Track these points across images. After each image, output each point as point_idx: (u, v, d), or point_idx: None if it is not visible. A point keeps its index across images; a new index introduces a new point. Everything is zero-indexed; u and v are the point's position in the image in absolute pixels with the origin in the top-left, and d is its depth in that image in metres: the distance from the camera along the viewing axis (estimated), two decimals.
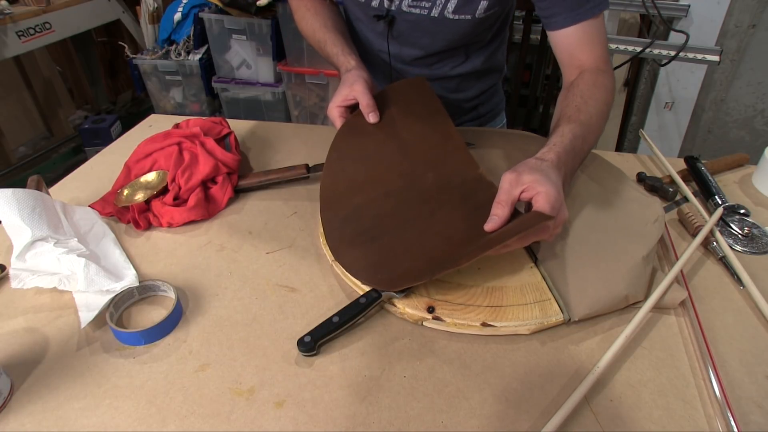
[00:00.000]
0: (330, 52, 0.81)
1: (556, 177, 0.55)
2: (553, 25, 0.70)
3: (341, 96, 0.73)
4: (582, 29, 0.68)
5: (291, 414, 0.45)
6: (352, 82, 0.73)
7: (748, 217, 0.71)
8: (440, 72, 0.88)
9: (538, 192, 0.53)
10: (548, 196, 0.52)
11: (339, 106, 0.74)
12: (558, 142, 0.60)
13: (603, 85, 0.67)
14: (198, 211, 0.70)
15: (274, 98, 2.08)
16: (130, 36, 2.42)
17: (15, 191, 0.58)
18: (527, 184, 0.54)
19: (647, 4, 1.61)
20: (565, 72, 0.72)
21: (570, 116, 0.63)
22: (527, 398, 0.47)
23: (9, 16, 1.84)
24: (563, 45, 0.71)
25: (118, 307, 0.55)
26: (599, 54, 0.69)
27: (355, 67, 0.76)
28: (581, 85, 0.67)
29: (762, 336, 0.53)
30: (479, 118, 0.99)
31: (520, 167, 0.56)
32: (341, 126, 0.74)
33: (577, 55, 0.70)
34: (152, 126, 0.97)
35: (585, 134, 0.63)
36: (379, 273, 0.56)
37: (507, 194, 0.54)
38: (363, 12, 0.83)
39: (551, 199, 0.52)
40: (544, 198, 0.52)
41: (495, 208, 0.54)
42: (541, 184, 0.53)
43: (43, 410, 0.46)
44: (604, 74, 0.69)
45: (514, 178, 0.54)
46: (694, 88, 1.82)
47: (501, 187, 0.55)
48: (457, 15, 0.76)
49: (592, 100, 0.65)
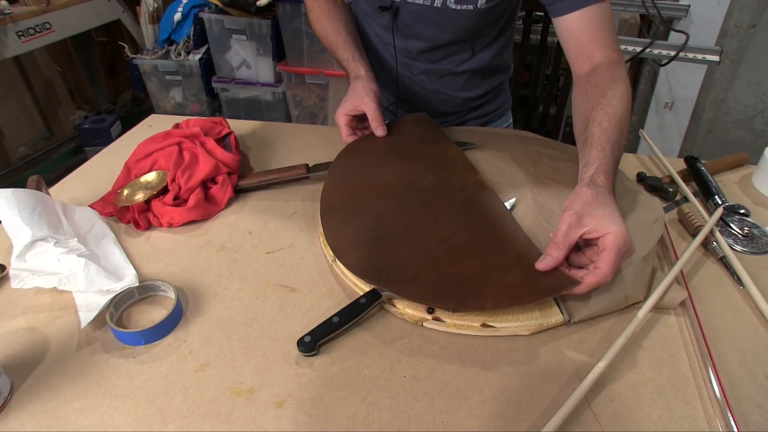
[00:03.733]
0: (341, 57, 0.84)
1: (615, 207, 0.53)
2: (557, 11, 0.68)
3: (351, 105, 0.77)
4: (588, 15, 0.66)
5: (291, 414, 0.45)
6: (363, 95, 0.76)
7: (748, 217, 0.71)
8: (447, 68, 0.88)
9: (606, 234, 0.50)
10: (616, 239, 0.49)
11: (347, 114, 0.77)
12: (602, 160, 0.57)
13: (621, 77, 0.64)
14: (198, 211, 0.70)
15: (274, 98, 2.08)
16: (130, 36, 2.42)
17: (15, 191, 0.58)
18: (590, 226, 0.51)
19: (647, 4, 1.61)
20: (574, 63, 0.70)
21: (601, 122, 0.60)
22: (527, 398, 0.47)
23: (9, 16, 1.83)
24: (569, 32, 0.68)
25: (118, 307, 0.55)
26: (608, 42, 0.67)
27: (364, 76, 0.79)
28: (600, 83, 0.64)
29: (762, 336, 0.53)
30: (485, 116, 0.99)
31: (577, 203, 0.53)
32: (346, 146, 0.78)
33: (585, 44, 0.67)
34: (152, 126, 0.97)
35: (620, 139, 0.60)
36: (385, 274, 0.56)
37: (565, 236, 0.52)
38: (369, 5, 0.84)
39: (619, 243, 0.49)
40: (613, 241, 0.49)
41: (551, 249, 0.52)
42: (609, 225, 0.50)
43: (43, 410, 0.46)
44: (618, 65, 0.66)
45: (574, 221, 0.52)
46: (694, 88, 1.82)
47: (559, 228, 0.53)
48: (460, 5, 0.76)
49: (616, 98, 0.62)
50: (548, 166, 0.75)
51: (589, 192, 0.54)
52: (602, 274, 0.49)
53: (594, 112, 0.62)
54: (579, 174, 0.59)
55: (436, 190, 0.66)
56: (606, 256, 0.49)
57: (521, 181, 0.72)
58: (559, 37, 0.72)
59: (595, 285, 0.50)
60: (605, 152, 0.58)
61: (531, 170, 0.74)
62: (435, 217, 0.62)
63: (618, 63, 0.67)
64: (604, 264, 0.49)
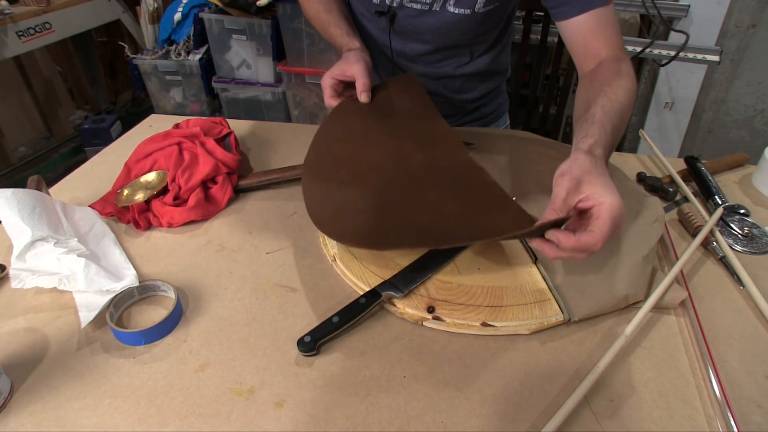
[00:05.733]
0: (333, 33, 0.81)
1: (610, 179, 0.51)
2: (562, 15, 0.68)
3: (339, 69, 0.74)
4: (594, 17, 0.66)
5: (291, 414, 0.45)
6: (353, 60, 0.73)
7: (748, 217, 0.71)
8: (444, 71, 0.88)
9: (601, 202, 0.48)
10: (613, 208, 0.47)
11: (333, 77, 0.74)
12: (601, 135, 0.55)
13: (627, 72, 0.64)
14: (198, 211, 0.70)
15: (274, 98, 2.08)
16: (130, 36, 2.42)
17: (15, 191, 0.58)
18: (587, 193, 0.49)
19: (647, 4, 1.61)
20: (579, 62, 0.69)
21: (603, 105, 0.59)
22: (527, 398, 0.47)
23: (9, 16, 1.83)
24: (575, 35, 0.68)
25: (118, 307, 0.55)
26: (614, 42, 0.67)
27: (358, 48, 0.76)
28: (605, 74, 0.63)
29: (762, 336, 0.53)
30: (482, 118, 0.99)
31: (575, 169, 0.51)
32: (331, 111, 0.74)
33: (592, 45, 0.67)
34: (152, 126, 0.97)
35: (619, 125, 0.59)
36: (368, 238, 0.54)
37: (563, 201, 0.49)
38: (365, 7, 0.83)
39: (615, 212, 0.47)
40: (608, 211, 0.47)
41: (549, 214, 0.50)
42: (605, 194, 0.48)
43: (43, 410, 0.46)
44: (625, 62, 0.66)
45: (572, 186, 0.49)
46: (694, 88, 1.82)
47: (556, 193, 0.50)
48: (457, 9, 0.76)
49: (620, 88, 0.61)
50: (548, 166, 0.75)
51: (588, 159, 0.52)
52: (594, 237, 0.46)
53: (597, 97, 0.61)
54: (574, 144, 0.57)
55: (424, 168, 0.64)
56: (600, 223, 0.47)
57: (521, 181, 0.72)
58: (564, 40, 0.71)
59: (585, 247, 0.47)
60: (605, 130, 0.56)
61: (531, 170, 0.74)
62: (422, 192, 0.60)
63: (624, 60, 0.66)
64: (598, 230, 0.47)
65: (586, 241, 0.46)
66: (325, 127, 0.73)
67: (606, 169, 0.52)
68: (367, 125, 0.72)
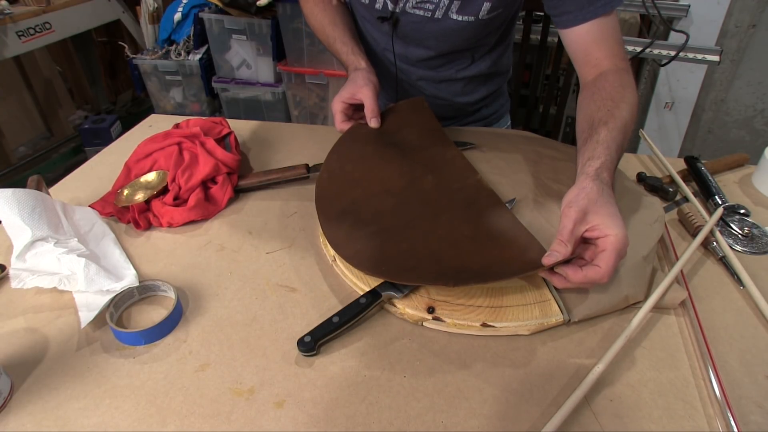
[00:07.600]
0: (339, 50, 0.82)
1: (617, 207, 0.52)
2: (564, 24, 0.68)
3: (348, 93, 0.75)
4: (596, 26, 0.66)
5: (291, 414, 0.45)
6: (362, 84, 0.74)
7: (748, 217, 0.71)
8: (445, 74, 0.88)
9: (607, 235, 0.49)
10: (618, 241, 0.49)
11: (343, 101, 0.75)
12: (607, 157, 0.57)
13: (630, 84, 0.65)
14: (198, 211, 0.70)
15: (274, 98, 2.08)
16: (130, 36, 2.42)
17: (15, 191, 0.58)
18: (594, 223, 0.51)
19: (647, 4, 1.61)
20: (580, 70, 0.70)
21: (607, 122, 0.60)
22: (527, 398, 0.47)
23: (9, 16, 1.83)
24: (577, 43, 0.68)
25: (118, 307, 0.55)
26: (616, 51, 0.67)
27: (365, 68, 0.77)
28: (608, 88, 0.64)
29: (762, 336, 0.53)
30: (483, 119, 0.99)
31: (581, 199, 0.52)
32: (343, 134, 0.76)
33: (593, 53, 0.67)
34: (152, 126, 0.97)
35: (623, 141, 0.60)
36: (384, 265, 0.55)
37: (570, 233, 0.51)
38: (368, 12, 0.83)
39: (619, 245, 0.49)
40: (614, 243, 0.49)
41: (557, 245, 0.51)
42: (611, 225, 0.50)
43: (43, 410, 0.46)
44: (626, 72, 0.66)
45: (579, 217, 0.51)
46: (694, 88, 1.82)
47: (564, 225, 0.51)
48: (461, 16, 0.76)
49: (624, 103, 0.62)
50: (548, 166, 0.75)
51: (595, 187, 0.53)
52: (600, 272, 0.49)
53: (601, 113, 0.61)
54: (580, 166, 0.58)
55: (435, 190, 0.66)
56: (606, 256, 0.49)
57: (521, 181, 0.72)
58: (565, 47, 0.71)
59: (592, 281, 0.50)
60: (610, 151, 0.58)
61: (531, 170, 0.74)
62: (435, 216, 0.62)
63: (626, 70, 0.67)
64: (604, 264, 0.49)
65: (593, 276, 0.49)
66: (337, 150, 0.74)
67: (612, 196, 0.54)
68: (378, 149, 0.74)
